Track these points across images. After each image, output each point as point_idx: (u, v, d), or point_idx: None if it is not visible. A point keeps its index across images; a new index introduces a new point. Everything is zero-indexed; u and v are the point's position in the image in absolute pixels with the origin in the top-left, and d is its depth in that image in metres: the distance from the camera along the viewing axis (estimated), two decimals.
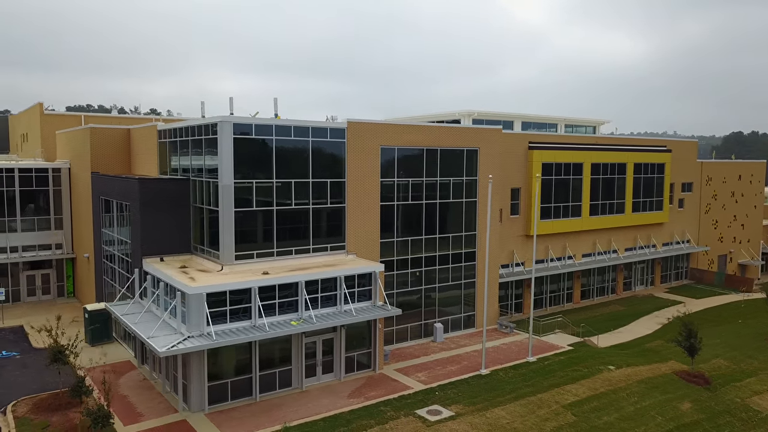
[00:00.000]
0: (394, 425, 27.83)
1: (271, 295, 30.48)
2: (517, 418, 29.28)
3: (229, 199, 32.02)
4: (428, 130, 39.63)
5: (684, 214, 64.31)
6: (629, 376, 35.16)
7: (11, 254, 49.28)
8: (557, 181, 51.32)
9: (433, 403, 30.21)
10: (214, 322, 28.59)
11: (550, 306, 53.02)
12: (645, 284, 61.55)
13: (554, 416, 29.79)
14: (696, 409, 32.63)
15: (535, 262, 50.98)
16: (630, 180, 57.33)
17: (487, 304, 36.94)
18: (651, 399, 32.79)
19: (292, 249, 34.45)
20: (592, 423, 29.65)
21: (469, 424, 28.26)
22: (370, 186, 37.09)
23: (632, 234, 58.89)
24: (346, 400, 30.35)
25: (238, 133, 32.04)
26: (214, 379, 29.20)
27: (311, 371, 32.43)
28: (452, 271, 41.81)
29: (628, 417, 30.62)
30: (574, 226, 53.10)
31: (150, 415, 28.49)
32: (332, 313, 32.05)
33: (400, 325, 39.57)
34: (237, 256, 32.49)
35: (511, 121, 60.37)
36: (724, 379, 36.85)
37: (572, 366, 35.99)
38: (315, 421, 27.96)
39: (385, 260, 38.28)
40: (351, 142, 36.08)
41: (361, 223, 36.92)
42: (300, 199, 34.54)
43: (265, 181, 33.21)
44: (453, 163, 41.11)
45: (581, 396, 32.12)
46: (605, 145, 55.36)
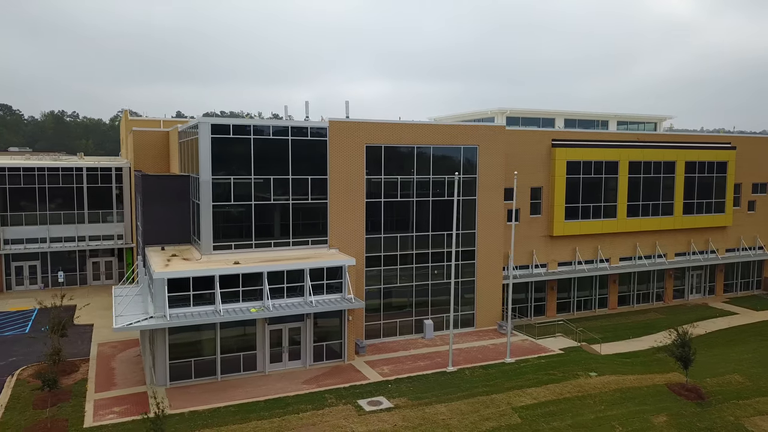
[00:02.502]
0: (327, 411, 28.96)
1: (241, 284, 32.74)
2: (456, 415, 29.18)
3: (207, 194, 34.80)
4: (417, 128, 40.03)
5: (755, 218, 58.42)
6: (607, 384, 33.41)
7: (79, 243, 56.12)
8: (586, 180, 49.08)
9: (379, 395, 30.90)
10: (180, 305, 31.40)
11: (579, 311, 50.81)
12: (702, 293, 56.79)
13: (497, 417, 29.29)
14: (672, 423, 30.40)
15: (558, 264, 49.52)
16: (680, 180, 53.26)
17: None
18: (620, 409, 31.03)
19: (271, 242, 36.59)
20: (537, 427, 28.78)
21: (402, 417, 28.68)
22: (354, 183, 38.28)
23: (684, 238, 54.63)
24: (300, 386, 31.90)
25: (216, 132, 34.71)
26: (178, 357, 32.00)
27: (277, 357, 34.32)
28: (448, 269, 41.78)
29: (582, 425, 29.32)
30: (607, 228, 50.43)
31: (122, 385, 31.89)
32: (297, 303, 33.71)
33: (389, 320, 40.33)
34: (215, 247, 35.20)
35: (551, 119, 58.44)
36: (728, 395, 33.81)
37: (547, 370, 34.82)
38: (258, 401, 29.82)
39: (371, 256, 39.32)
40: (333, 140, 37.50)
41: (345, 219, 38.21)
42: (279, 195, 36.57)
43: (244, 177, 35.62)
44: (448, 161, 41.11)
45: (540, 399, 31.17)
46: (648, 142, 51.93)
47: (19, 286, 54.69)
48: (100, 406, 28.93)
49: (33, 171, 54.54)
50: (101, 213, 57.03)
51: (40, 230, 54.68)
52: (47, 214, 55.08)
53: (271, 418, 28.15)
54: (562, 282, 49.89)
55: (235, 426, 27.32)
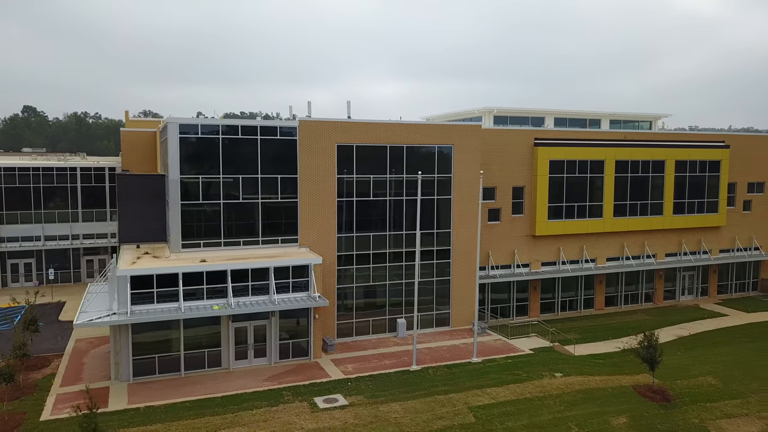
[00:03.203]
0: (282, 408, 29.22)
1: (205, 282, 33.19)
2: (410, 414, 29.21)
3: (175, 193, 35.34)
4: (390, 127, 40.09)
5: (751, 218, 57.27)
6: (570, 384, 33.12)
7: (73, 241, 57.29)
8: (571, 179, 48.64)
9: (337, 393, 31.07)
10: (144, 302, 31.96)
11: (564, 311, 50.35)
12: (695, 294, 55.85)
13: (451, 416, 29.24)
14: (631, 425, 30.05)
15: (542, 264, 49.20)
16: (670, 179, 52.47)
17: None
18: (580, 410, 30.76)
19: (240, 240, 37.00)
20: (490, 426, 28.67)
21: (354, 415, 28.80)
22: (325, 182, 38.50)
23: (675, 238, 53.79)
24: (260, 383, 32.22)
25: (185, 132, 35.23)
26: (142, 354, 32.54)
27: (243, 354, 34.69)
28: (422, 268, 41.74)
29: (537, 425, 29.13)
30: (593, 228, 49.91)
31: (87, 380, 32.50)
32: (260, 301, 34.03)
33: (362, 318, 40.46)
34: (184, 245, 35.72)
35: (541, 118, 57.99)
36: (697, 397, 33.30)
37: (512, 370, 34.63)
38: (215, 397, 30.21)
39: (344, 255, 39.51)
40: (303, 140, 37.77)
41: (316, 218, 38.45)
42: (248, 193, 36.96)
43: (212, 176, 36.09)
44: (423, 160, 41.10)
45: (498, 399, 31.04)
46: (636, 141, 51.24)
47: (14, 283, 56.00)
48: (61, 400, 29.56)
49: (28, 171, 55.81)
50: (95, 212, 58.10)
51: (35, 229, 55.93)
52: (42, 213, 56.31)
53: (224, 414, 28.49)
54: (546, 282, 49.48)
55: (187, 421, 27.71)
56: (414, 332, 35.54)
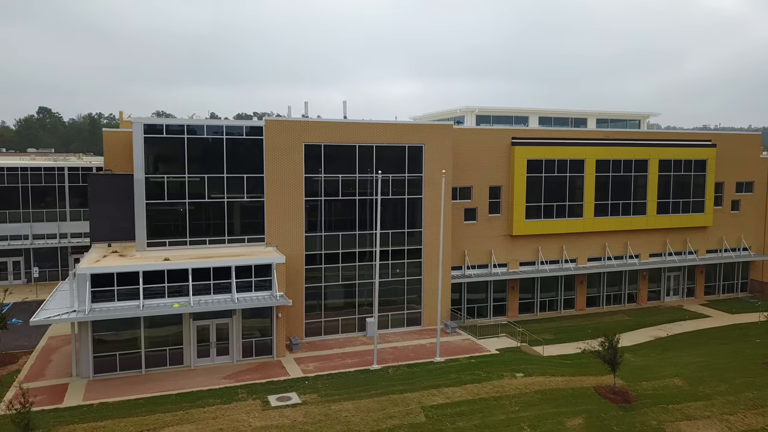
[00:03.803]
0: (234, 406, 29.39)
1: (166, 280, 33.49)
2: (361, 412, 29.22)
3: (141, 192, 35.72)
4: (359, 126, 40.12)
5: (739, 218, 56.38)
6: (530, 385, 32.90)
7: (61, 240, 58.08)
8: (549, 178, 48.30)
9: (292, 391, 31.18)
10: (105, 300, 32.34)
11: (543, 312, 50.00)
12: (680, 295, 55.14)
13: (402, 416, 29.20)
14: (586, 426, 29.80)
15: (520, 264, 48.97)
16: (654, 178, 51.87)
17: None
18: (535, 411, 30.55)
19: (206, 239, 37.28)
20: (441, 426, 28.59)
21: (304, 413, 28.89)
22: (292, 182, 38.63)
23: (660, 238, 53.16)
24: (218, 380, 32.44)
25: (149, 132, 35.58)
26: (103, 351, 32.94)
27: (205, 353, 34.95)
28: (393, 267, 41.73)
29: (489, 425, 28.99)
30: (573, 227, 49.52)
31: (50, 376, 33.02)
32: (221, 300, 34.25)
33: (331, 318, 40.54)
34: (149, 244, 36.11)
35: (525, 117, 57.66)
36: (660, 399, 32.91)
37: (473, 370, 34.48)
38: (170, 395, 30.47)
39: (312, 254, 39.62)
40: (270, 139, 37.94)
41: (283, 217, 38.60)
42: (214, 193, 37.22)
43: (177, 176, 36.41)
44: (393, 160, 41.08)
45: (453, 399, 30.93)
46: (617, 140, 50.72)
47: (2, 281, 56.91)
48: (19, 396, 29.92)
49: (16, 171, 56.70)
50: (82, 211, 58.68)
51: (23, 227, 56.81)
52: (30, 212, 57.19)
53: (175, 411, 28.73)
54: (525, 282, 49.18)
55: (137, 418, 27.98)
56: (374, 332, 35.52)
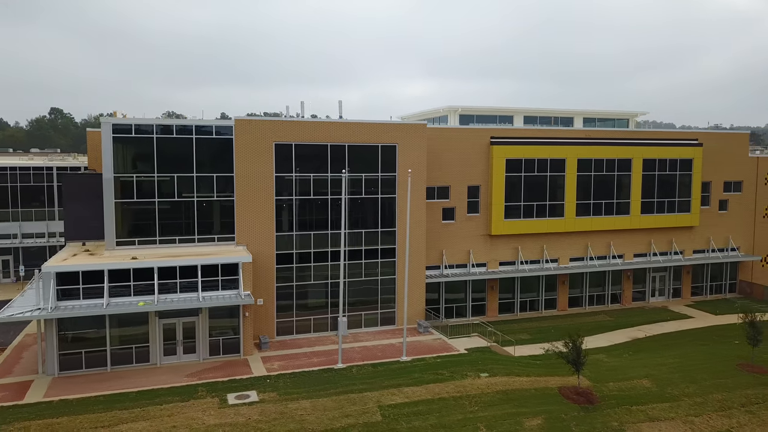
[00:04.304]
0: (191, 404, 29.55)
1: (132, 279, 33.78)
2: (318, 411, 29.25)
3: (109, 191, 36.07)
4: (330, 126, 40.18)
5: (727, 218, 55.71)
6: (493, 385, 32.75)
7: (50, 239, 58.76)
8: (529, 178, 48.04)
9: (252, 389, 31.30)
10: (71, 298, 32.69)
11: (524, 312, 49.75)
12: (666, 295, 54.60)
13: (358, 414, 29.18)
14: (545, 427, 29.56)
15: (500, 264, 48.76)
16: (638, 178, 51.42)
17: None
18: (494, 411, 30.39)
19: (176, 238, 37.54)
20: (395, 426, 28.52)
21: (260, 411, 28.98)
22: (263, 181, 38.78)
23: (644, 238, 52.68)
24: (181, 378, 32.65)
25: (118, 132, 35.93)
26: (69, 348, 33.28)
27: (172, 351, 35.19)
28: (366, 267, 41.75)
29: (445, 425, 28.87)
30: (554, 227, 49.23)
31: (18, 373, 33.44)
32: (187, 298, 34.46)
33: (303, 317, 40.63)
34: (118, 242, 36.44)
35: (510, 116, 57.38)
36: (625, 400, 32.58)
37: (437, 369, 34.38)
38: (130, 392, 30.72)
39: (284, 253, 39.74)
40: (239, 139, 38.12)
41: (254, 216, 38.76)
42: (184, 192, 37.46)
43: (147, 175, 36.70)
44: (366, 159, 41.09)
45: (412, 399, 30.86)
46: (600, 139, 50.33)
47: None
48: None
49: (6, 171, 57.42)
50: None
51: (12, 227, 57.56)
52: (19, 212, 57.92)
53: (133, 408, 28.94)
54: (505, 282, 48.98)
55: (94, 415, 28.22)
56: (340, 331, 35.56)
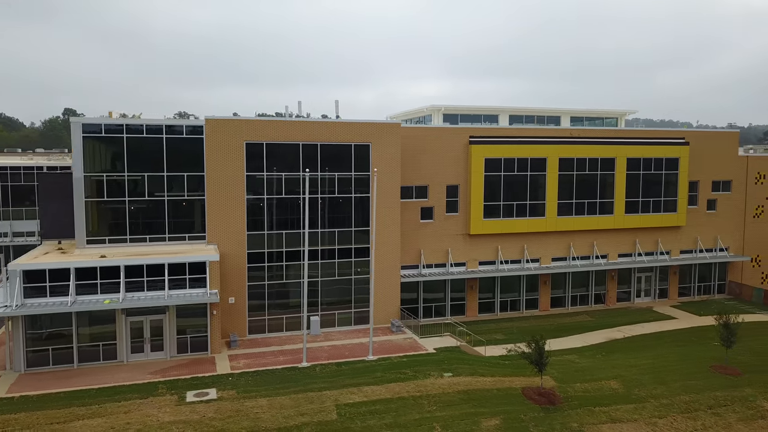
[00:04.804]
0: (149, 401, 29.78)
1: (99, 277, 34.13)
2: (274, 409, 29.33)
3: (80, 190, 36.46)
4: (302, 125, 40.27)
5: (716, 218, 54.98)
6: (454, 385, 32.62)
7: (28, 238, 59.50)
8: (509, 177, 47.79)
9: (213, 387, 31.48)
10: (38, 296, 33.12)
11: (504, 312, 49.47)
12: (652, 296, 53.99)
13: (314, 413, 29.22)
14: (502, 427, 29.39)
15: (479, 263, 48.55)
16: (621, 177, 50.94)
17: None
18: (452, 411, 30.27)
19: (147, 237, 37.85)
20: (349, 424, 28.53)
21: (216, 409, 29.14)
22: (234, 180, 38.96)
23: (629, 238, 52.17)
24: (145, 376, 32.93)
25: (88, 132, 36.31)
26: (37, 345, 33.71)
27: (139, 348, 35.48)
28: (340, 266, 41.78)
29: (400, 424, 28.81)
30: (534, 227, 48.92)
31: None
32: (153, 296, 34.73)
33: (275, 316, 40.76)
34: (89, 241, 36.83)
35: (495, 115, 57.10)
36: (588, 401, 32.31)
37: (401, 369, 34.31)
38: (91, 389, 31.03)
39: (255, 252, 39.90)
40: (210, 138, 38.33)
41: (225, 215, 38.96)
42: (155, 191, 37.76)
43: (117, 174, 37.05)
44: (340, 158, 41.13)
45: (371, 398, 30.84)
46: (582, 138, 49.92)
47: None
48: None
49: None
50: None
51: (3, 225, 58.33)
52: (10, 210, 58.70)
53: (91, 405, 29.24)
54: (485, 282, 48.75)
55: (51, 411, 28.53)
56: (304, 331, 35.64)
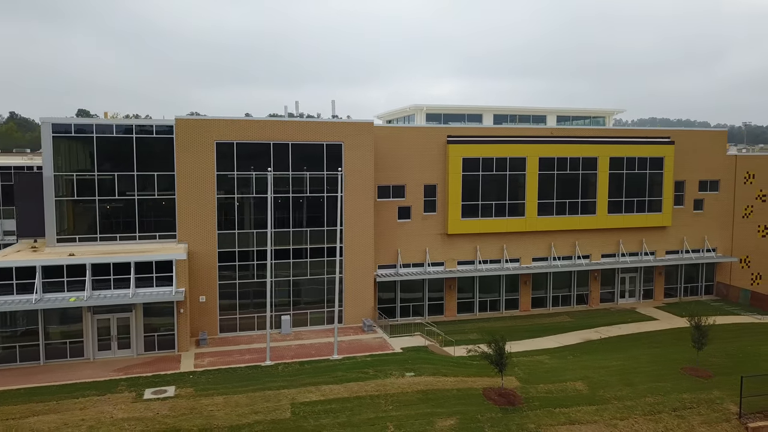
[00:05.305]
0: (107, 398, 30.05)
1: (65, 275, 34.54)
2: (229, 407, 29.46)
3: (50, 190, 36.94)
4: (272, 124, 40.41)
5: (703, 218, 54.26)
6: (414, 384, 32.52)
7: (6, 237, 60.35)
8: (487, 177, 47.58)
9: (173, 385, 31.70)
10: (4, 293, 33.60)
11: (484, 312, 49.24)
12: (637, 297, 53.40)
13: (268, 411, 29.29)
14: (457, 427, 29.24)
15: (458, 263, 48.40)
16: (604, 176, 50.48)
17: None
18: (409, 410, 30.17)
19: (117, 236, 38.22)
20: (302, 423, 28.56)
21: (171, 406, 29.32)
22: (204, 179, 39.21)
23: (613, 238, 51.67)
24: (108, 373, 33.27)
25: (58, 132, 36.75)
26: (3, 342, 34.22)
27: (107, 346, 35.84)
28: (311, 266, 41.86)
29: (353, 423, 28.80)
30: (514, 227, 48.64)
31: None
32: (119, 294, 35.06)
33: (246, 314, 40.94)
34: (59, 240, 37.30)
35: (479, 114, 56.87)
36: (550, 402, 32.05)
37: (364, 368, 34.28)
38: (52, 386, 31.38)
39: (226, 251, 40.12)
40: (180, 137, 38.61)
41: (195, 214, 39.22)
42: (125, 191, 38.13)
43: (87, 174, 37.46)
44: (312, 157, 41.21)
45: (328, 397, 30.84)
46: (563, 137, 49.54)
47: None
48: None
49: None
50: None
51: None
52: (1, 210, 59.58)
53: (49, 401, 29.56)
54: (464, 282, 48.58)
55: (9, 407, 28.88)
56: (267, 330, 35.78)
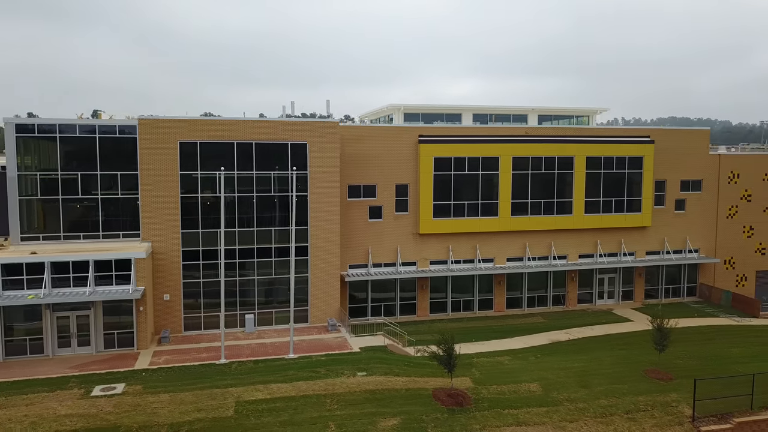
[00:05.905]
0: (55, 394, 30.41)
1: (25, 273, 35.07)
2: (173, 405, 29.64)
3: (13, 189, 37.50)
4: (236, 123, 40.62)
5: (685, 219, 53.45)
6: (363, 384, 32.47)
7: None
8: (460, 177, 47.35)
9: (123, 382, 32.00)
10: None
11: (457, 312, 48.98)
12: (616, 298, 52.74)
13: (212, 409, 29.45)
14: (399, 428, 29.10)
15: (431, 263, 48.27)
16: (580, 176, 49.97)
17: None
18: (353, 410, 30.14)
19: (80, 234, 38.69)
20: (243, 421, 28.67)
21: (116, 403, 29.58)
22: (167, 179, 39.53)
23: (590, 239, 51.12)
24: (63, 370, 33.67)
25: (21, 132, 37.33)
26: None
27: (67, 343, 36.30)
28: (276, 265, 42.00)
29: (294, 422, 28.83)
30: (487, 226, 48.34)
31: None
32: (78, 292, 35.48)
33: (210, 313, 41.14)
34: (23, 238, 37.87)
35: (458, 114, 56.60)
36: (500, 403, 31.80)
37: (316, 367, 34.30)
38: (4, 382, 31.86)
39: (190, 250, 40.41)
40: (143, 137, 38.98)
41: (159, 213, 39.56)
42: (88, 190, 38.60)
43: (50, 173, 37.99)
44: (277, 157, 41.36)
45: (275, 395, 30.92)
46: (538, 136, 49.11)
47: None
48: None
49: None
50: None
51: None
52: None
53: None
54: (436, 281, 48.38)
55: None
56: (221, 330, 35.98)
